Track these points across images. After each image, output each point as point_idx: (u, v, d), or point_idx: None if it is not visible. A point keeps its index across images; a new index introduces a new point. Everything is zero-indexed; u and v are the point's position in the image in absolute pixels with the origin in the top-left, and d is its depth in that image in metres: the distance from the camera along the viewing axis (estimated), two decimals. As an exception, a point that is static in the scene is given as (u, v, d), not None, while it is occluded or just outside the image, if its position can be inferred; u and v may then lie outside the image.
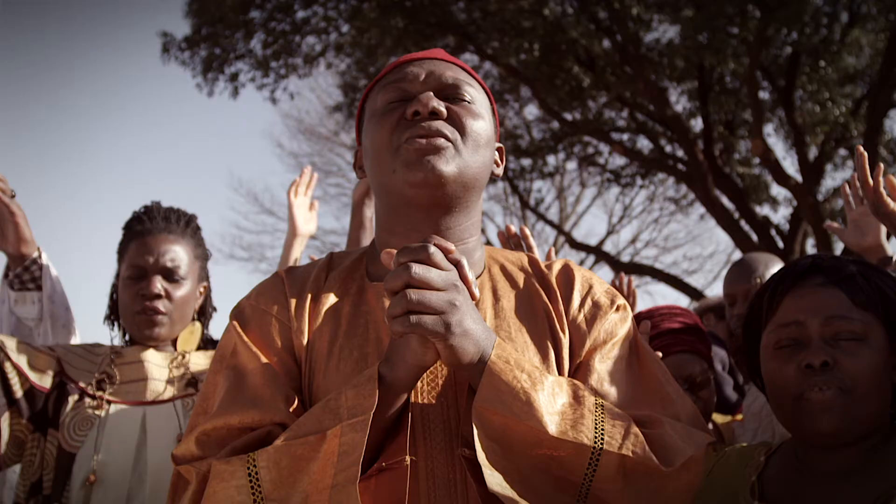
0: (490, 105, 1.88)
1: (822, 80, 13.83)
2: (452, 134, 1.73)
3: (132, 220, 2.85)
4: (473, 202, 1.79)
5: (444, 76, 1.81)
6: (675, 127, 14.98)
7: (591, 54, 15.52)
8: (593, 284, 1.84)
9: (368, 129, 1.81)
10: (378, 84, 1.85)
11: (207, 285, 2.95)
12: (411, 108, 1.73)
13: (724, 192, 15.00)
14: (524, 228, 3.07)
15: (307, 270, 1.85)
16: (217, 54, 15.47)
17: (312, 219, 3.69)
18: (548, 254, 3.12)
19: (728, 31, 12.83)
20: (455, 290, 1.48)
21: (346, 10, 15.36)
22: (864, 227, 3.24)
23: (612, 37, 14.81)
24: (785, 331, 1.76)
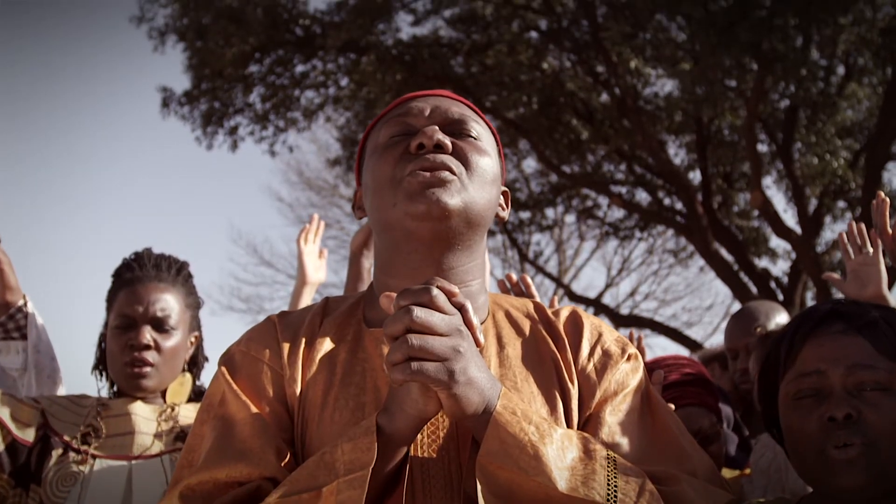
0: (496, 145, 1.80)
1: (820, 132, 13.85)
2: (458, 168, 1.65)
3: (122, 267, 2.76)
4: (477, 242, 1.71)
5: (450, 111, 1.74)
6: (673, 179, 14.99)
7: (590, 107, 15.58)
8: (603, 332, 1.75)
9: (370, 163, 1.73)
10: (381, 120, 1.78)
11: (199, 335, 2.85)
12: (415, 140, 1.66)
13: (724, 245, 14.97)
14: (525, 277, 2.99)
15: (301, 315, 1.75)
16: (216, 108, 15.53)
17: (322, 267, 3.62)
18: (550, 303, 3.04)
19: (726, 85, 12.86)
20: (459, 335, 1.38)
21: (345, 64, 15.45)
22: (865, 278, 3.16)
23: (611, 90, 14.88)
24: (805, 381, 1.67)
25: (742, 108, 13.49)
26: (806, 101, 13.25)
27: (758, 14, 11.79)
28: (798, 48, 12.12)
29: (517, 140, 16.49)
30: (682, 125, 15.23)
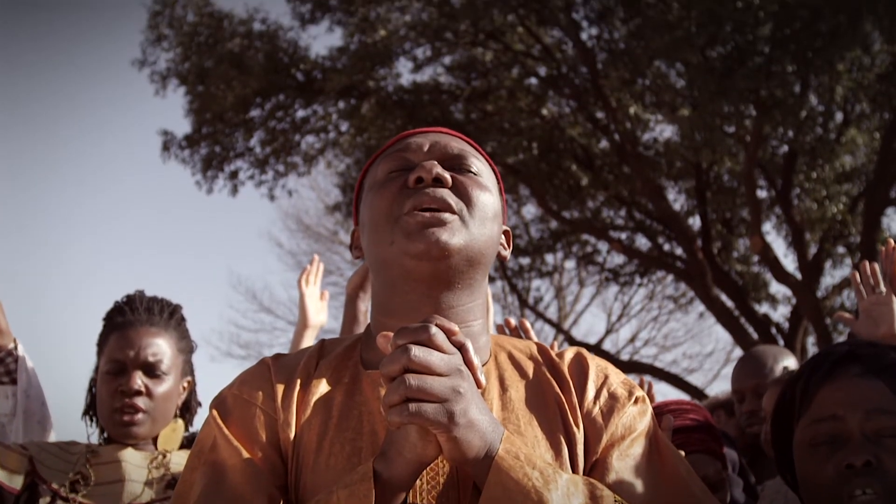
0: (497, 182, 1.76)
1: (819, 178, 13.88)
2: (457, 204, 1.59)
3: (113, 310, 2.70)
4: (479, 281, 1.65)
5: (450, 146, 1.70)
6: (673, 225, 14.98)
7: (590, 153, 15.62)
8: (609, 375, 1.69)
9: (367, 199, 1.68)
10: (380, 156, 1.73)
11: (192, 380, 2.79)
12: (414, 174, 1.61)
13: (724, 290, 14.93)
14: (524, 321, 2.94)
15: (297, 357, 1.69)
16: (217, 152, 15.56)
17: (323, 309, 3.57)
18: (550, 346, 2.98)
19: (725, 131, 12.90)
20: (459, 375, 1.33)
21: (346, 110, 15.50)
22: (878, 317, 3.12)
23: (610, 136, 14.92)
24: (821, 426, 1.61)
25: (741, 153, 13.52)
26: (804, 147, 13.28)
27: (756, 61, 11.87)
28: (796, 94, 12.18)
29: (517, 186, 16.51)
30: (682, 171, 15.26)
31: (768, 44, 11.90)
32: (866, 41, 11.45)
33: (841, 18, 11.15)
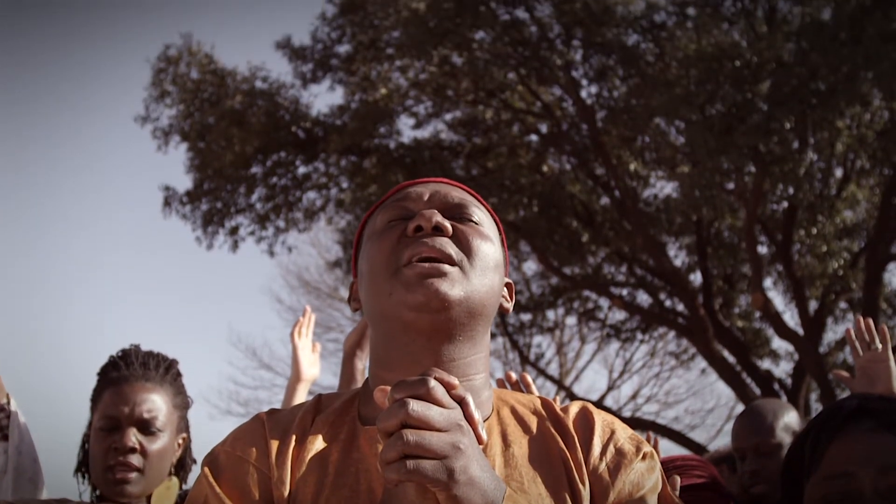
0: (499, 233, 1.72)
1: (819, 233, 13.88)
2: (458, 254, 1.56)
3: (107, 365, 2.66)
4: (480, 333, 1.61)
5: (450, 195, 1.67)
6: (674, 281, 14.96)
7: (590, 210, 15.64)
8: (616, 430, 1.64)
9: (366, 250, 1.64)
10: (379, 207, 1.70)
11: (187, 436, 2.73)
12: (413, 223, 1.57)
13: (726, 346, 14.86)
14: (525, 376, 2.89)
15: (292, 413, 1.64)
16: (218, 208, 15.59)
17: (316, 362, 3.51)
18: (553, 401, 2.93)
19: (725, 187, 12.94)
20: (459, 431, 1.27)
21: (347, 167, 15.56)
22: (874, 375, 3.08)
23: (611, 192, 14.96)
24: (833, 484, 1.55)
25: (741, 209, 13.54)
26: (804, 203, 13.30)
27: (755, 118, 11.92)
28: (795, 151, 12.22)
29: (518, 242, 16.52)
30: (682, 227, 15.27)
31: (767, 101, 11.96)
32: (865, 98, 11.51)
33: (839, 75, 11.22)
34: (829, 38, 11.18)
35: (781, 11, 13.19)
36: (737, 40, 12.71)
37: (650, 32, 14.06)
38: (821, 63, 11.33)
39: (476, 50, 14.69)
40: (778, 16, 13.08)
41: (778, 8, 13.20)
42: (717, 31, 12.91)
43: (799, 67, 11.70)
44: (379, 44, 15.10)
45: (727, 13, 13.48)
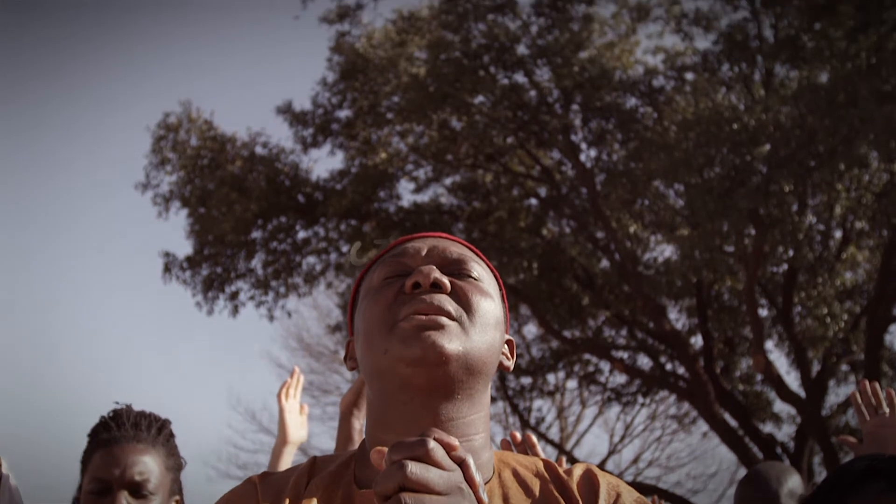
0: (499, 289, 1.68)
1: (820, 295, 13.84)
2: (457, 311, 1.51)
3: (98, 426, 2.61)
4: (480, 391, 1.55)
5: (449, 251, 1.63)
6: (675, 344, 14.89)
7: (590, 273, 15.63)
8: (621, 493, 1.58)
9: (362, 307, 1.60)
10: (376, 263, 1.66)
11: (180, 499, 2.67)
12: (411, 279, 1.53)
13: (727, 410, 14.74)
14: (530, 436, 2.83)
15: (286, 476, 1.59)
16: (218, 273, 15.59)
17: (304, 424, 3.45)
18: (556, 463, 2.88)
19: (724, 250, 12.94)
20: (459, 494, 1.22)
21: (347, 231, 15.57)
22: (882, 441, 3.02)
23: (611, 255, 14.96)
24: (845, 548, 1.52)
25: (741, 272, 13.53)
26: (804, 265, 13.30)
27: (754, 181, 11.97)
28: (795, 213, 12.25)
29: (518, 305, 16.49)
30: (683, 290, 15.23)
31: (766, 164, 12.02)
32: (863, 159, 11.57)
33: (837, 138, 11.29)
34: (826, 101, 11.26)
35: (779, 75, 13.33)
36: (735, 104, 12.81)
37: (649, 96, 14.19)
38: (818, 126, 11.41)
39: (475, 114, 14.80)
40: (775, 80, 13.21)
41: (775, 72, 13.32)
42: (715, 95, 13.02)
43: (797, 130, 11.77)
44: (379, 109, 15.22)
45: (725, 77, 13.62)
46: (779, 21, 13.14)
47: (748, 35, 13.27)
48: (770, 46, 12.88)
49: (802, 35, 12.32)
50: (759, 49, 13.10)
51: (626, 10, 14.66)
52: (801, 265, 13.25)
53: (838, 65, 11.49)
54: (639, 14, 14.52)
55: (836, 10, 11.63)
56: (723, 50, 13.27)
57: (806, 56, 12.02)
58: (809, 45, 12.12)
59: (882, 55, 11.14)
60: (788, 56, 12.39)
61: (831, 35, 11.68)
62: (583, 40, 14.23)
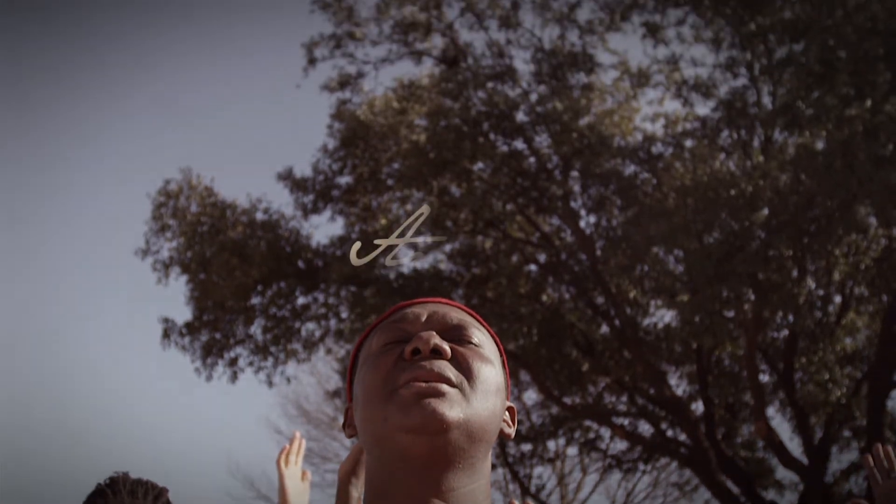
0: (500, 355, 1.67)
1: (820, 361, 13.82)
2: (457, 378, 1.49)
3: (94, 493, 2.60)
4: (481, 460, 1.53)
5: (449, 316, 1.62)
6: (676, 410, 14.82)
7: (590, 339, 15.61)
8: None
9: (361, 373, 1.59)
10: (375, 328, 1.66)
11: (178, 568, 2.66)
12: (410, 346, 1.51)
13: (729, 476, 14.60)
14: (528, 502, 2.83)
15: None
16: (217, 339, 15.57)
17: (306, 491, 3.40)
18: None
19: (724, 315, 12.93)
20: None
21: (347, 297, 15.59)
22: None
23: (610, 321, 14.95)
24: None
25: (742, 337, 13.51)
26: (805, 331, 13.28)
27: (753, 246, 12.01)
28: (794, 279, 12.27)
29: (518, 371, 16.43)
30: (683, 356, 15.21)
31: (764, 229, 12.08)
32: (861, 225, 11.63)
33: (835, 203, 11.36)
34: (824, 167, 11.36)
35: (777, 141, 13.44)
36: (733, 170, 12.90)
37: (648, 163, 14.29)
38: (816, 191, 11.49)
39: (475, 181, 14.91)
40: (773, 146, 13.32)
41: (773, 138, 13.45)
42: (713, 161, 13.13)
43: (795, 196, 11.85)
44: (379, 175, 15.34)
45: (724, 144, 13.74)
46: (777, 88, 13.31)
47: (747, 102, 13.43)
48: (768, 113, 13.02)
49: (800, 102, 12.46)
50: (758, 116, 13.24)
51: (626, 75, 14.83)
52: (801, 330, 13.25)
53: (835, 130, 11.60)
54: (639, 80, 14.69)
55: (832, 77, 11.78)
56: (722, 116, 13.41)
57: (803, 122, 12.14)
58: (807, 111, 12.25)
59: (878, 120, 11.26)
60: (786, 122, 12.52)
61: (828, 102, 11.81)
62: (582, 108, 14.38)
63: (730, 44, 13.69)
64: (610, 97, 15.19)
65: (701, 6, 13.73)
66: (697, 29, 14.12)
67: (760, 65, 13.43)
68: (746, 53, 13.50)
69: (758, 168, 12.53)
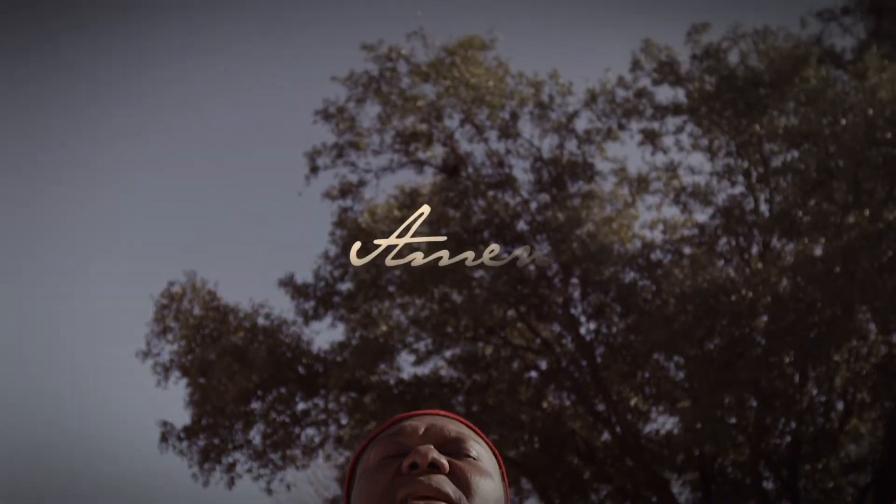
0: (499, 466, 1.67)
1: (825, 468, 13.69)
2: (456, 493, 1.46)
3: None
4: None
5: (447, 429, 1.61)
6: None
7: (591, 446, 15.49)
8: None
9: (358, 487, 1.58)
10: (372, 441, 1.66)
11: None
12: (408, 460, 1.48)
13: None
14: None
15: None
16: (215, 444, 15.45)
17: None
18: None
19: (726, 422, 12.87)
20: None
21: (347, 403, 15.53)
22: None
23: (612, 429, 14.86)
24: None
25: (744, 444, 13.41)
26: (808, 437, 13.20)
27: (754, 352, 12.03)
28: (796, 385, 12.26)
29: (519, 479, 16.24)
30: (685, 463, 15.07)
31: (765, 336, 12.11)
32: (862, 331, 11.67)
33: (835, 309, 11.42)
34: (824, 273, 11.45)
35: (775, 248, 13.57)
36: (732, 276, 13.00)
37: (647, 270, 14.40)
38: (817, 297, 11.56)
39: (476, 287, 14.99)
40: (772, 252, 13.45)
41: (772, 245, 13.58)
42: (712, 267, 13.23)
43: (795, 302, 11.92)
44: (380, 282, 15.42)
45: (722, 250, 13.87)
46: (774, 195, 13.50)
47: (744, 209, 13.61)
48: (766, 220, 13.18)
49: (797, 209, 12.63)
50: (756, 223, 13.41)
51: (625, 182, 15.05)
52: (804, 437, 13.16)
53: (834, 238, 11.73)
54: (638, 186, 14.90)
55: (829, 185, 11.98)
56: (720, 223, 13.58)
57: (802, 229, 12.28)
58: (804, 218, 12.40)
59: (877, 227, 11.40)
60: (784, 229, 12.67)
61: (825, 209, 11.98)
62: (581, 217, 14.56)
63: (727, 151, 13.94)
64: (609, 205, 15.38)
65: (698, 114, 14.02)
66: (695, 137, 14.39)
67: (757, 172, 13.66)
68: (743, 161, 13.74)
69: (757, 274, 12.64)
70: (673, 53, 14.55)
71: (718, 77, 13.97)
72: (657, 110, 14.55)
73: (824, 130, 12.38)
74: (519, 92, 15.26)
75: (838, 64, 14.17)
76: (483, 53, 15.35)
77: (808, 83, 12.71)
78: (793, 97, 13.19)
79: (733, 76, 13.79)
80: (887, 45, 13.31)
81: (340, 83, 15.70)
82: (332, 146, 16.10)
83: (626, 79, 14.87)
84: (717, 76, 14.00)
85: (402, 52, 15.32)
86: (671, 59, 14.47)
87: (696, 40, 14.43)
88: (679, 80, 14.36)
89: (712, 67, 14.11)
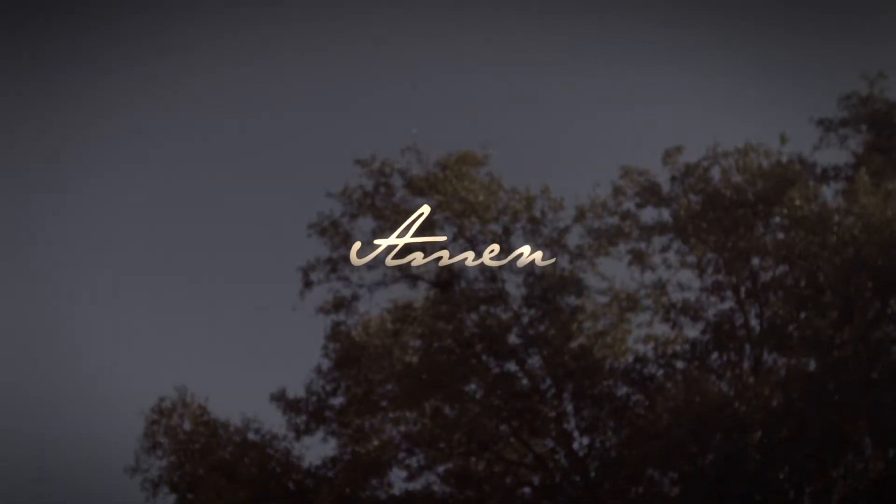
0: None
1: None
2: None
3: None
4: None
5: None
6: None
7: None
8: None
9: None
10: None
11: None
12: None
13: None
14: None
15: None
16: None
17: None
18: None
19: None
20: None
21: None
22: None
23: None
24: None
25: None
26: None
27: (748, 467, 11.92)
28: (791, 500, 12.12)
29: None
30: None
31: (759, 450, 12.02)
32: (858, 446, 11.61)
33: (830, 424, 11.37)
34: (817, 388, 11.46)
35: (766, 363, 13.59)
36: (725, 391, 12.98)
37: (640, 384, 14.39)
38: (811, 412, 11.52)
39: (468, 402, 14.92)
40: (763, 367, 13.46)
41: (763, 360, 13.60)
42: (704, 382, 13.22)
43: (789, 417, 11.87)
44: (373, 396, 15.37)
45: (714, 365, 13.88)
46: (764, 310, 13.58)
47: (735, 324, 13.67)
48: (757, 335, 13.24)
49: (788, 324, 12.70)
50: (747, 337, 13.46)
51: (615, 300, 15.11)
52: None
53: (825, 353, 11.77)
54: (628, 304, 14.96)
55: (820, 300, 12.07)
56: (711, 338, 13.62)
57: (793, 344, 12.33)
58: (796, 333, 12.46)
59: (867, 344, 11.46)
60: (775, 344, 12.71)
61: (816, 324, 12.06)
62: (573, 331, 14.59)
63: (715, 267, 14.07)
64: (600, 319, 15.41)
65: (684, 232, 14.17)
66: (682, 254, 14.52)
67: (746, 288, 13.77)
68: (732, 277, 13.85)
69: (749, 389, 12.62)
70: (650, 176, 14.79)
71: (704, 195, 14.17)
72: (643, 231, 14.71)
73: (812, 248, 12.54)
74: (511, 206, 15.38)
75: (826, 179, 14.43)
76: (476, 169, 15.52)
77: (794, 205, 12.93)
78: (779, 214, 13.39)
79: (718, 194, 13.99)
80: (879, 160, 13.56)
81: (335, 198, 15.77)
82: (326, 260, 16.13)
83: (609, 204, 15.01)
84: (703, 195, 14.20)
85: (396, 167, 15.47)
86: (651, 183, 14.69)
87: (673, 162, 14.70)
88: (662, 201, 14.54)
89: (696, 186, 14.32)
